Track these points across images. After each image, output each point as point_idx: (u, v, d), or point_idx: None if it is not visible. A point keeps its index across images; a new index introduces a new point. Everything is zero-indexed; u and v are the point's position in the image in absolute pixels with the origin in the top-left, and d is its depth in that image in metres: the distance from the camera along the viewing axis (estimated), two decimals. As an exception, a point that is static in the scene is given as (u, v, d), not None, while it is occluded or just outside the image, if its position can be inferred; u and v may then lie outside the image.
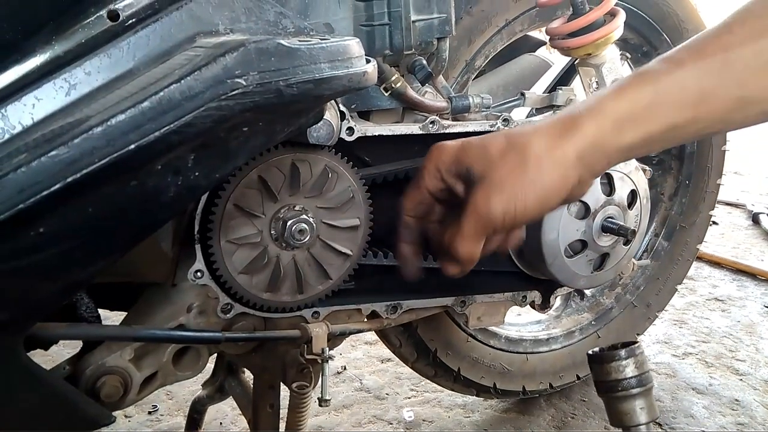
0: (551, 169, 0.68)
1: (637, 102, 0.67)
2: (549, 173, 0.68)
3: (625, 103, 0.67)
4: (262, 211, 0.83)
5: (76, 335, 0.77)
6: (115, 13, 0.60)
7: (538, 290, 1.10)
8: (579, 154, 0.68)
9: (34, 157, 0.52)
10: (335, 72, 0.61)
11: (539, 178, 0.68)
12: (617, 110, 0.67)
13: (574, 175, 0.69)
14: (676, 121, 0.67)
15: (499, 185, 0.68)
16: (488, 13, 1.14)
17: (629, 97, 0.68)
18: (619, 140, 0.68)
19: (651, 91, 0.67)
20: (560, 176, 0.68)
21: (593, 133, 0.68)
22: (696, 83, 0.66)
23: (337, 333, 0.95)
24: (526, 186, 0.68)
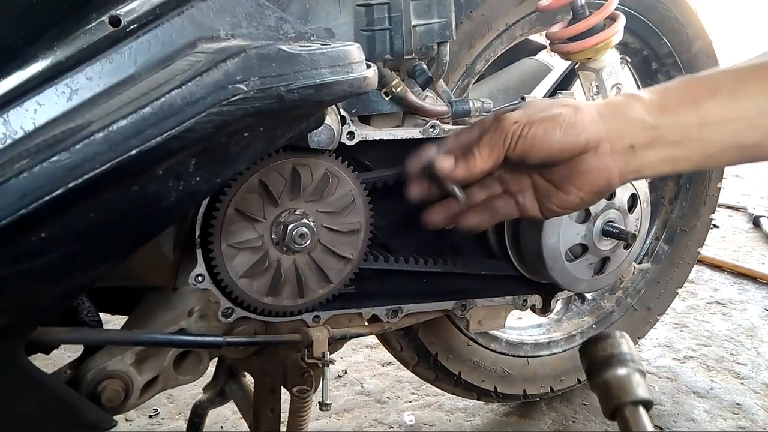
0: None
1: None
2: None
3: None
4: (263, 216, 0.83)
5: (78, 340, 0.78)
6: (117, 18, 0.60)
7: (539, 294, 1.10)
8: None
9: (36, 163, 0.52)
10: (336, 77, 0.62)
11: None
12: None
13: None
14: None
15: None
16: (488, 17, 1.14)
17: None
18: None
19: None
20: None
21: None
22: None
23: (338, 337, 0.95)
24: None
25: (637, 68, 1.40)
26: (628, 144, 0.75)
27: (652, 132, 0.75)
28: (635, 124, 0.75)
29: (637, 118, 0.75)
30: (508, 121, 0.77)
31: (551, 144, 0.75)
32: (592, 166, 0.76)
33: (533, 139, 0.75)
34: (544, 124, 0.75)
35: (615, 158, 0.76)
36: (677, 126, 0.74)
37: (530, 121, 0.76)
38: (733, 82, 0.74)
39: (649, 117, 0.75)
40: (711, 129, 0.73)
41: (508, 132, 0.76)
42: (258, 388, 0.98)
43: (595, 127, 0.75)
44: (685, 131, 0.74)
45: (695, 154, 0.75)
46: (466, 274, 1.03)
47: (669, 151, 0.75)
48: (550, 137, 0.75)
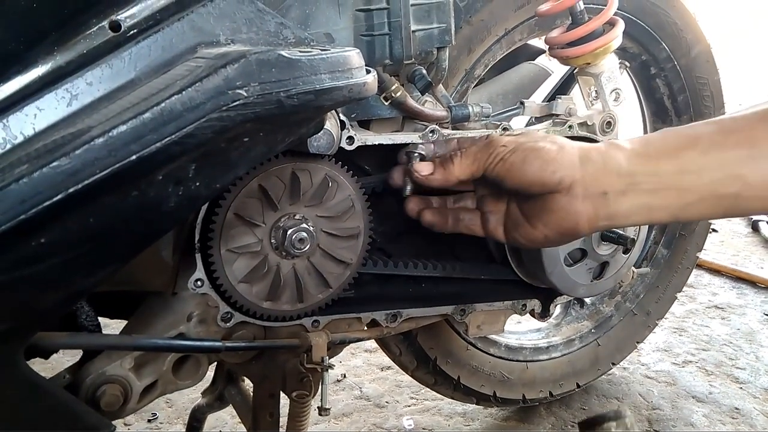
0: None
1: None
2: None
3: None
4: (262, 220, 0.83)
5: (77, 345, 0.78)
6: (117, 23, 0.60)
7: (538, 299, 1.10)
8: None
9: (35, 168, 0.52)
10: (336, 83, 0.62)
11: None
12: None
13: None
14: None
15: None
16: (488, 22, 1.14)
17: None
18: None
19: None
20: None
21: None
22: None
23: (337, 342, 0.95)
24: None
25: (636, 73, 1.40)
26: (601, 190, 0.76)
27: (627, 179, 0.76)
28: (611, 171, 0.76)
29: (614, 166, 0.76)
30: (497, 142, 0.81)
31: (526, 174, 0.78)
32: (562, 206, 0.78)
33: (512, 165, 0.78)
34: (526, 153, 0.78)
35: (586, 203, 0.77)
36: (654, 174, 0.75)
37: (516, 147, 0.79)
38: (714, 133, 0.74)
39: (627, 165, 0.75)
40: (689, 178, 0.73)
41: (494, 151, 0.79)
42: (257, 393, 0.98)
43: (572, 169, 0.76)
44: (662, 180, 0.74)
45: (672, 202, 0.75)
46: (465, 278, 1.03)
47: (644, 200, 0.76)
48: (526, 167, 0.77)
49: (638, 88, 1.44)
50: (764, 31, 5.72)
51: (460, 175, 0.82)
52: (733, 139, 0.72)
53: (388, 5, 0.85)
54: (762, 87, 4.02)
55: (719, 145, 0.72)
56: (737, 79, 2.94)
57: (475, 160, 0.81)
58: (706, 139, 0.73)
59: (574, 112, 1.08)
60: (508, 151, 0.79)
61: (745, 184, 0.71)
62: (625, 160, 0.76)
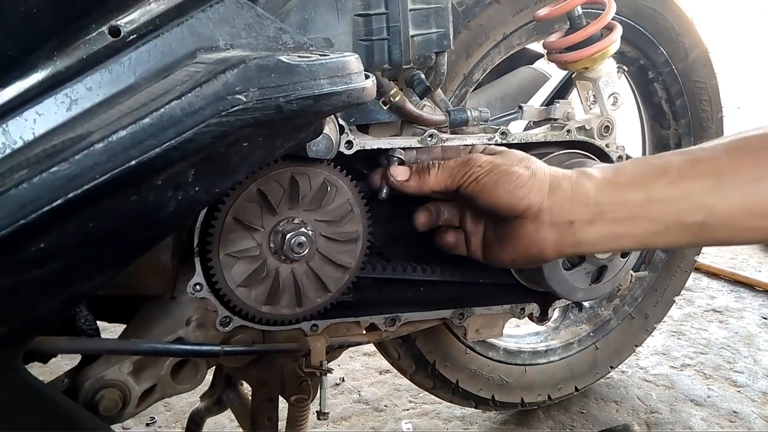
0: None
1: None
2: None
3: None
4: (261, 225, 0.84)
5: (76, 349, 0.78)
6: (117, 28, 0.60)
7: (537, 302, 1.10)
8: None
9: (35, 173, 0.52)
10: (335, 88, 0.62)
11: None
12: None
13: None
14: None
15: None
16: (486, 27, 1.14)
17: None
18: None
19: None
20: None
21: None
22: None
23: (336, 346, 0.95)
24: None
25: (634, 77, 1.41)
26: (568, 219, 0.78)
27: (595, 209, 0.78)
28: (579, 200, 0.78)
29: (583, 195, 0.78)
30: (475, 161, 0.82)
31: (496, 196, 0.80)
32: (528, 232, 0.80)
33: (484, 186, 0.80)
34: (499, 176, 0.80)
35: (552, 231, 0.79)
36: (622, 204, 0.77)
37: (491, 169, 0.81)
38: (683, 162, 0.76)
39: (595, 194, 0.78)
40: (656, 207, 0.75)
41: (470, 170, 0.81)
42: (255, 397, 0.98)
43: (540, 196, 0.79)
44: (629, 209, 0.77)
45: (639, 231, 0.77)
46: (463, 282, 1.04)
47: (611, 229, 0.78)
48: (497, 190, 0.80)
49: (636, 92, 1.45)
50: (760, 30, 5.73)
51: (434, 186, 0.84)
52: (701, 169, 0.74)
53: (387, 10, 0.85)
54: (759, 88, 4.03)
55: (687, 176, 0.75)
56: (735, 80, 2.95)
57: (451, 175, 0.83)
58: (675, 169, 0.76)
59: (572, 117, 1.08)
60: (483, 172, 0.81)
61: (711, 214, 0.74)
62: (593, 190, 0.78)
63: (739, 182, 0.72)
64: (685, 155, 0.78)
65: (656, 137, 1.47)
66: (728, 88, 1.58)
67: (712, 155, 0.75)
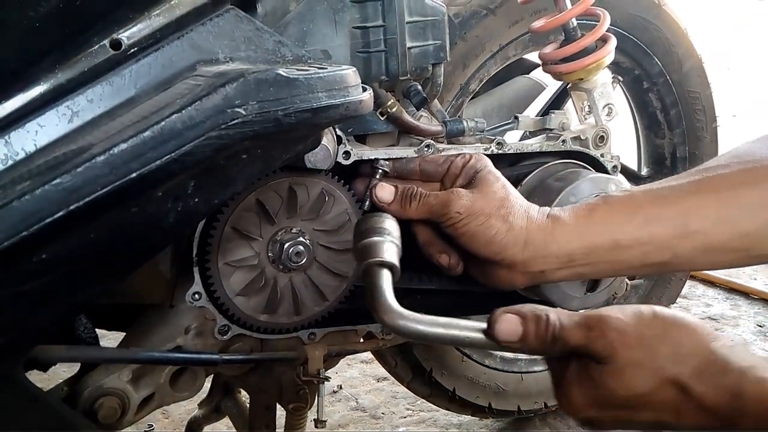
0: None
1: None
2: None
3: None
4: (259, 234, 0.84)
5: (76, 358, 0.78)
6: (118, 42, 0.61)
7: (533, 311, 1.11)
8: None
9: (37, 185, 0.53)
10: (332, 101, 0.63)
11: None
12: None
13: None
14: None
15: None
16: (482, 38, 1.16)
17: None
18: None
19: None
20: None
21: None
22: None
23: (334, 354, 0.96)
24: None
25: (629, 87, 1.42)
26: (539, 270, 0.84)
27: (565, 259, 0.83)
28: (551, 254, 0.83)
29: (554, 249, 0.82)
30: (454, 204, 0.83)
31: (472, 245, 0.84)
32: (502, 276, 0.86)
33: (461, 234, 0.84)
34: (475, 230, 0.83)
35: (525, 277, 0.85)
36: (591, 252, 0.82)
37: (468, 219, 0.83)
38: (651, 205, 0.81)
39: (566, 245, 0.82)
40: (622, 252, 0.81)
41: (448, 213, 0.83)
42: (253, 405, 0.98)
43: (514, 251, 0.82)
44: (597, 255, 0.82)
45: (604, 271, 0.87)
46: (460, 291, 1.04)
47: (578, 271, 0.84)
48: (474, 242, 0.83)
49: (631, 102, 1.46)
50: (749, 35, 5.76)
51: (414, 217, 0.87)
52: (667, 213, 0.80)
53: (384, 23, 0.86)
54: (754, 95, 4.05)
55: (654, 221, 0.80)
56: (730, 87, 2.96)
57: (429, 212, 0.85)
58: (642, 213, 0.81)
59: (567, 127, 1.09)
60: (461, 220, 0.83)
61: (674, 256, 0.80)
62: (564, 242, 0.82)
63: (703, 225, 0.78)
64: (654, 195, 0.83)
65: (651, 147, 1.48)
66: (724, 96, 1.60)
67: (679, 197, 0.80)
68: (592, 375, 0.65)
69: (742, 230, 0.77)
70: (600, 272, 0.87)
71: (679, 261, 0.81)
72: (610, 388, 0.64)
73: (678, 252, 0.80)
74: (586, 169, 1.04)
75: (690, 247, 0.79)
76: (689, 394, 0.62)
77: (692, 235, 0.78)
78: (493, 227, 0.82)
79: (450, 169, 0.89)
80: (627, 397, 0.64)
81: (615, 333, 0.64)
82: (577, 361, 0.67)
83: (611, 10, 1.09)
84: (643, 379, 0.63)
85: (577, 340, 0.65)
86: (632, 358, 0.63)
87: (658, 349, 0.64)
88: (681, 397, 0.62)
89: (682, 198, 0.80)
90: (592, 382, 0.65)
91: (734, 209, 0.77)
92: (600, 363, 0.65)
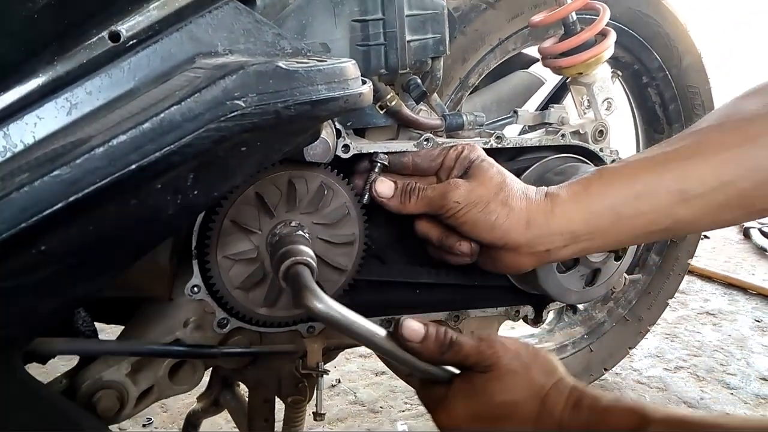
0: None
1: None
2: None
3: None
4: (258, 227, 0.84)
5: (76, 350, 0.78)
6: (117, 34, 0.61)
7: (531, 305, 1.11)
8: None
9: (36, 177, 0.53)
10: (332, 93, 0.63)
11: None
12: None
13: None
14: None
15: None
16: (482, 32, 1.16)
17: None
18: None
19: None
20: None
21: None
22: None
23: (332, 347, 0.96)
24: None
25: (628, 82, 1.42)
26: (544, 249, 0.85)
27: (569, 236, 0.83)
28: (554, 233, 0.83)
29: (557, 228, 0.83)
30: (452, 195, 0.84)
31: (475, 233, 0.85)
32: (507, 259, 0.87)
33: (463, 223, 0.84)
34: (476, 217, 0.83)
35: (531, 258, 0.86)
36: (594, 228, 0.83)
37: (469, 207, 0.83)
38: (647, 173, 0.81)
39: (568, 224, 0.83)
40: (624, 223, 0.82)
41: (447, 204, 0.84)
42: (252, 398, 0.98)
43: (517, 234, 0.83)
44: (599, 229, 0.83)
45: (609, 244, 0.86)
46: (459, 285, 1.04)
47: (583, 246, 0.85)
48: (476, 229, 0.84)
49: (630, 97, 1.46)
50: (750, 33, 5.75)
51: (414, 212, 0.87)
52: (665, 180, 0.79)
53: (384, 16, 0.86)
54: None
55: (654, 189, 0.80)
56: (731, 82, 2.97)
57: (429, 205, 0.86)
58: (640, 183, 0.81)
59: (566, 121, 1.09)
60: (460, 209, 0.83)
61: (676, 221, 0.80)
62: (567, 219, 0.83)
63: (702, 190, 0.78)
64: (648, 162, 0.82)
65: (650, 141, 1.48)
66: (724, 91, 1.60)
67: (674, 161, 0.80)
68: (474, 383, 0.74)
69: (741, 191, 0.77)
70: (605, 245, 0.87)
71: (681, 226, 0.82)
72: (489, 393, 0.73)
73: (679, 217, 0.79)
74: (585, 164, 1.04)
75: (690, 212, 0.79)
76: (546, 405, 0.72)
77: (692, 200, 0.78)
78: (494, 212, 0.83)
79: (444, 162, 0.89)
80: (503, 402, 0.73)
81: (500, 345, 0.74)
82: (462, 376, 0.76)
83: (611, 5, 1.09)
84: (519, 386, 0.73)
85: (468, 348, 0.73)
86: (512, 367, 0.73)
87: (532, 365, 0.75)
88: (541, 409, 0.72)
89: (678, 164, 0.79)
90: (473, 390, 0.74)
91: (732, 171, 0.77)
92: (484, 372, 0.73)
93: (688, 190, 0.78)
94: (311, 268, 0.75)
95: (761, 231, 2.61)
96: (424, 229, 0.90)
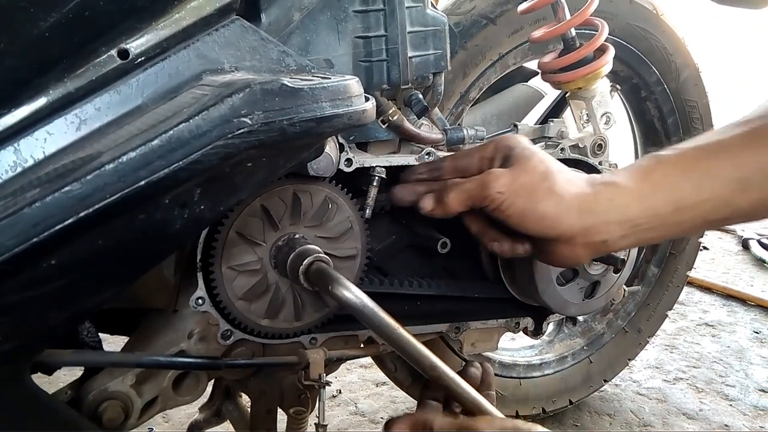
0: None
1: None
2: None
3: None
4: (263, 239, 0.85)
5: (82, 362, 0.79)
6: (126, 51, 0.62)
7: (531, 317, 1.12)
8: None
9: (48, 193, 0.54)
10: (336, 110, 0.64)
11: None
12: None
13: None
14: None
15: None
16: (482, 47, 1.17)
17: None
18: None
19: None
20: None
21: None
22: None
23: (334, 359, 0.97)
24: None
25: (626, 96, 1.44)
26: (601, 239, 0.80)
27: (627, 225, 0.79)
28: (612, 220, 0.79)
29: (615, 215, 0.79)
30: (493, 185, 0.80)
31: (525, 225, 0.80)
32: (562, 252, 0.81)
33: (509, 215, 0.80)
34: (524, 208, 0.79)
35: (587, 248, 0.81)
36: (653, 216, 0.78)
37: (513, 197, 0.79)
38: (705, 162, 0.77)
39: (627, 211, 0.78)
40: (685, 213, 0.77)
41: (489, 195, 0.80)
42: (254, 409, 0.99)
43: (571, 222, 0.78)
44: (660, 219, 0.78)
45: (668, 234, 0.81)
46: (459, 297, 1.05)
47: (642, 236, 0.80)
48: (525, 221, 0.79)
49: (629, 110, 1.48)
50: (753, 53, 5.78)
51: (457, 209, 0.84)
52: (724, 169, 0.75)
53: (386, 33, 0.87)
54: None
55: (712, 178, 0.76)
56: (729, 97, 2.98)
57: (469, 197, 0.82)
58: (698, 171, 0.77)
59: (566, 135, 1.11)
60: (505, 200, 0.79)
61: (734, 211, 0.76)
62: (625, 207, 0.78)
63: (761, 179, 0.74)
64: (705, 151, 0.78)
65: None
66: (723, 107, 1.61)
67: (731, 149, 0.76)
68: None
69: None
70: (663, 235, 0.81)
71: (739, 216, 0.78)
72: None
73: (738, 207, 0.76)
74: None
75: (749, 201, 0.76)
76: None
77: (750, 189, 0.75)
78: (541, 201, 0.78)
79: (484, 155, 0.86)
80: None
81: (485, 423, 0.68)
82: None
83: (609, 20, 1.11)
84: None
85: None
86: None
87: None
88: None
89: (735, 152, 0.76)
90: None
91: None
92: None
93: (748, 179, 0.75)
94: (329, 264, 0.76)
95: (760, 242, 2.62)
96: (466, 222, 0.89)
